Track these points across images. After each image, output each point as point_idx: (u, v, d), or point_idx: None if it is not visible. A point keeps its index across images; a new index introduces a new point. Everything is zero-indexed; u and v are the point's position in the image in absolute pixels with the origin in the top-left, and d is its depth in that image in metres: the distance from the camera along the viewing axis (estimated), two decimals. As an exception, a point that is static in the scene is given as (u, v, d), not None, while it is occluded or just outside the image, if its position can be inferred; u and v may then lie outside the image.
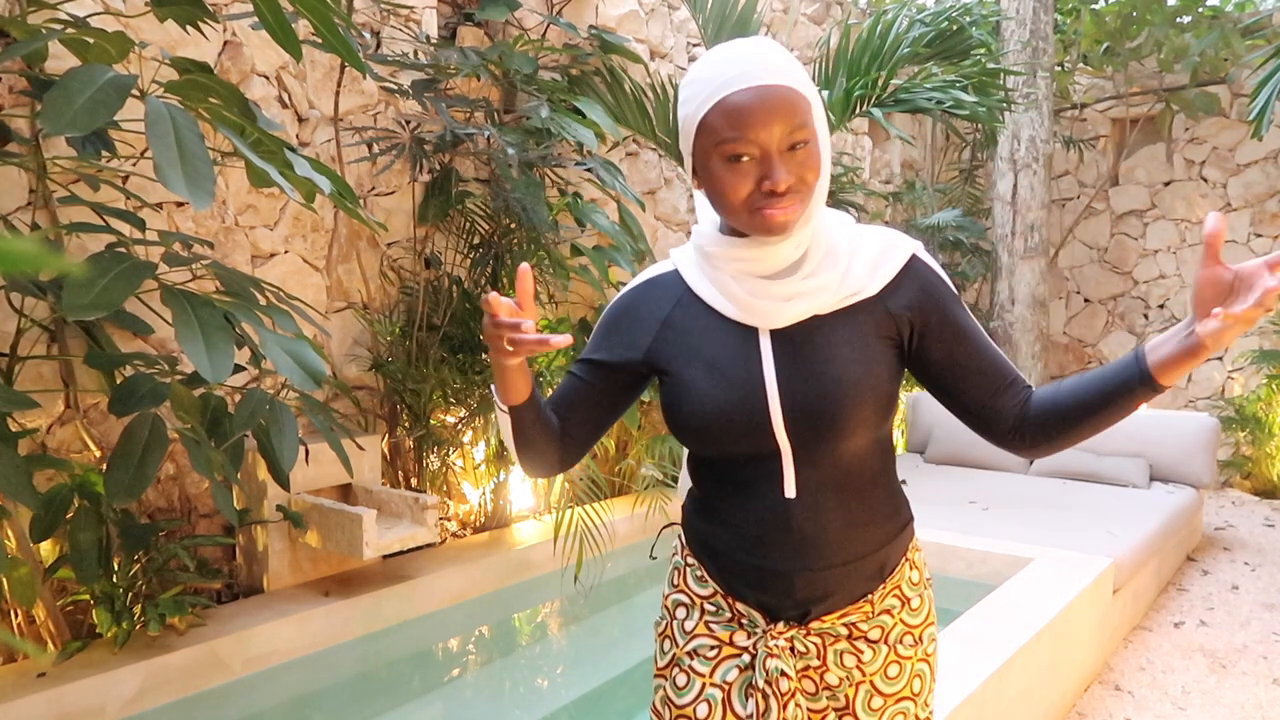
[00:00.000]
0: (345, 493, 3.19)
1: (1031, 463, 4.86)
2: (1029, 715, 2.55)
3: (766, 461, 1.11)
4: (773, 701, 1.09)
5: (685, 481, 1.36)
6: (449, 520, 3.82)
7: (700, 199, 1.15)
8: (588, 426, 1.23)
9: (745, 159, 1.01)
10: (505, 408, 1.15)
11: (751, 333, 1.12)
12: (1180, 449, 4.55)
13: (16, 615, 2.41)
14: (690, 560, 1.22)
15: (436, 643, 3.05)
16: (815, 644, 1.13)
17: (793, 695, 1.10)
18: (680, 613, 1.21)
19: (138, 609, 2.49)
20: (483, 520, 3.85)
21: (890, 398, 1.11)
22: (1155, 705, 2.91)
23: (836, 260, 1.09)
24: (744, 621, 1.16)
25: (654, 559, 1.57)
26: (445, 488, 3.76)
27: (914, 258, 1.13)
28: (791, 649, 1.12)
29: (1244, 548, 4.65)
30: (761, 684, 1.10)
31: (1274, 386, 5.83)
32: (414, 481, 3.58)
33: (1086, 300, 7.17)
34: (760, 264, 1.08)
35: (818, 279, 1.08)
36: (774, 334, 1.11)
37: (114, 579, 2.45)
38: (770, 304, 1.09)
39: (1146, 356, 1.01)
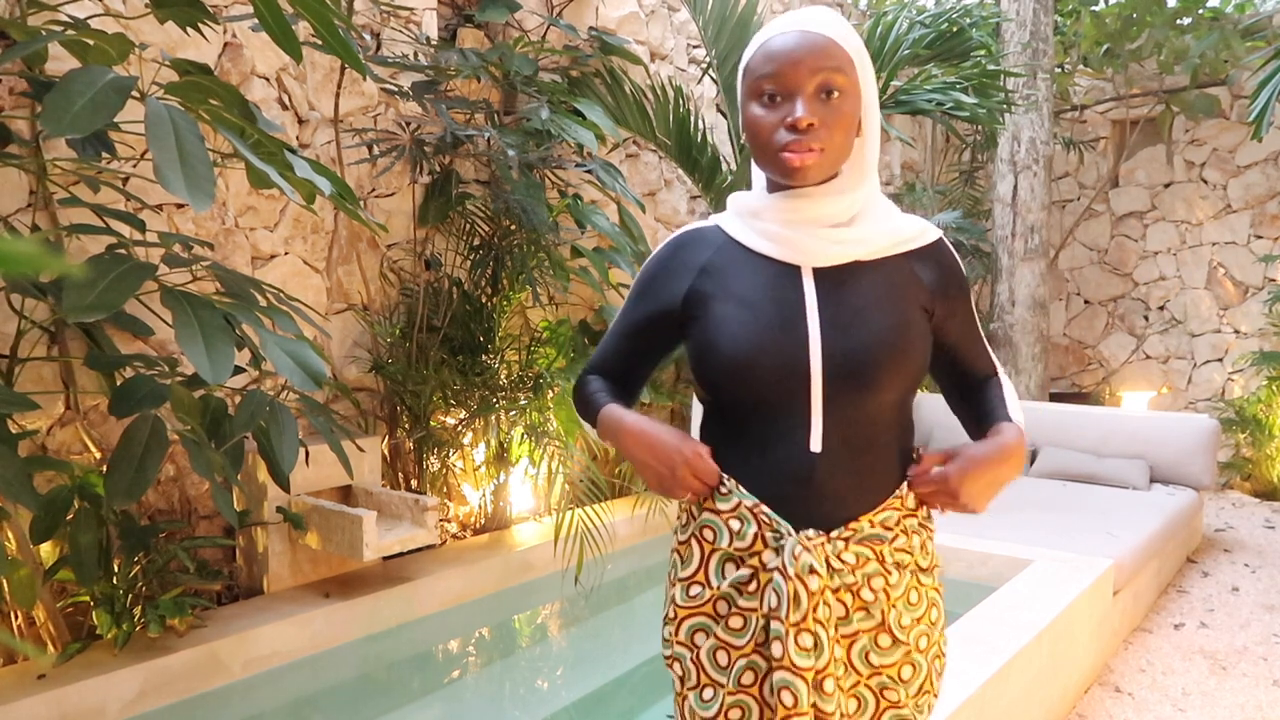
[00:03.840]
0: (345, 494, 3.19)
1: (1031, 464, 4.86)
2: (1029, 717, 2.55)
3: (794, 412, 1.10)
4: (801, 594, 1.05)
5: None
6: (449, 522, 3.82)
7: (754, 168, 1.20)
8: (633, 380, 1.31)
9: (775, 96, 1.06)
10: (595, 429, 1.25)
11: (794, 273, 1.13)
12: (1180, 450, 4.55)
13: (16, 617, 2.41)
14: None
15: (437, 644, 3.05)
16: (849, 561, 1.10)
17: (821, 594, 1.07)
18: (708, 534, 1.15)
19: (138, 610, 2.49)
20: (483, 522, 3.85)
21: (923, 359, 1.14)
22: (1155, 707, 2.91)
23: (881, 219, 1.15)
24: (769, 536, 1.10)
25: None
26: (445, 489, 3.76)
27: (941, 240, 1.19)
28: (829, 565, 1.09)
29: (1244, 549, 4.65)
30: (793, 572, 1.06)
31: (1274, 388, 5.83)
32: (414, 483, 3.58)
33: (1087, 302, 7.17)
34: (805, 214, 1.11)
35: (863, 229, 1.12)
36: (817, 277, 1.12)
37: (114, 580, 2.45)
38: (814, 243, 1.11)
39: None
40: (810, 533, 1.09)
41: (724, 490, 1.14)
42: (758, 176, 1.20)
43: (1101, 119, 7.03)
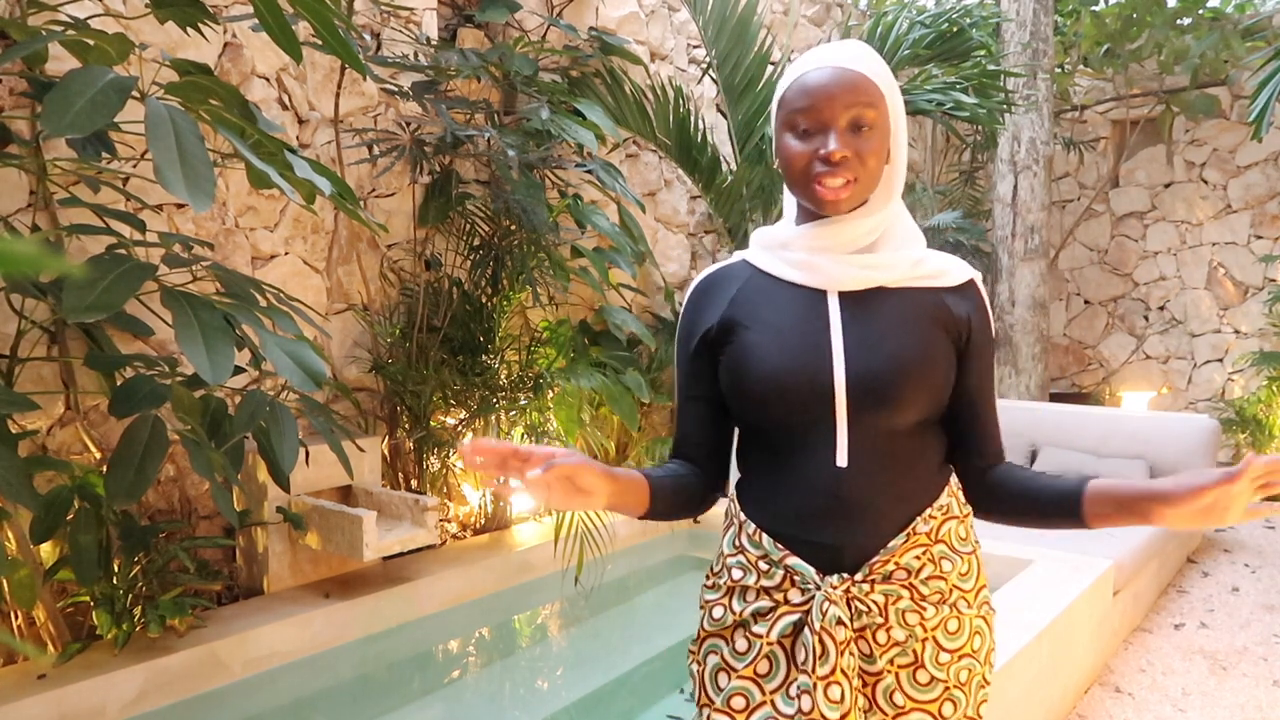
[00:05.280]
0: (345, 494, 3.19)
1: (1032, 465, 4.86)
2: (1029, 717, 2.55)
3: (820, 429, 1.13)
4: (829, 645, 1.09)
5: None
6: (449, 522, 3.82)
7: (786, 194, 1.22)
8: (718, 440, 1.27)
9: (808, 129, 1.11)
10: (639, 518, 1.20)
11: (820, 298, 1.16)
12: (1180, 451, 4.54)
13: (17, 617, 2.41)
14: (743, 519, 1.22)
15: (437, 644, 3.05)
16: (877, 603, 1.12)
17: (848, 644, 1.10)
18: (736, 573, 1.20)
19: (138, 610, 2.49)
20: (483, 522, 3.85)
21: (945, 380, 1.15)
22: (1155, 707, 2.91)
23: (900, 247, 1.17)
24: (796, 579, 1.14)
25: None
26: (445, 489, 3.76)
27: (974, 282, 1.20)
28: (849, 604, 1.11)
29: (1244, 550, 4.65)
30: (819, 626, 1.09)
31: (1274, 388, 5.83)
32: (414, 483, 3.58)
33: (1087, 302, 7.17)
34: (832, 240, 1.15)
35: (889, 257, 1.15)
36: (843, 300, 1.16)
37: (114, 580, 2.45)
38: (840, 268, 1.14)
39: (1085, 505, 1.11)
40: (834, 579, 1.12)
41: (754, 537, 1.19)
42: (789, 204, 1.23)
43: (1101, 119, 7.03)
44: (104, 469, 2.30)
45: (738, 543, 1.21)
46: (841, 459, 1.13)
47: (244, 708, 2.49)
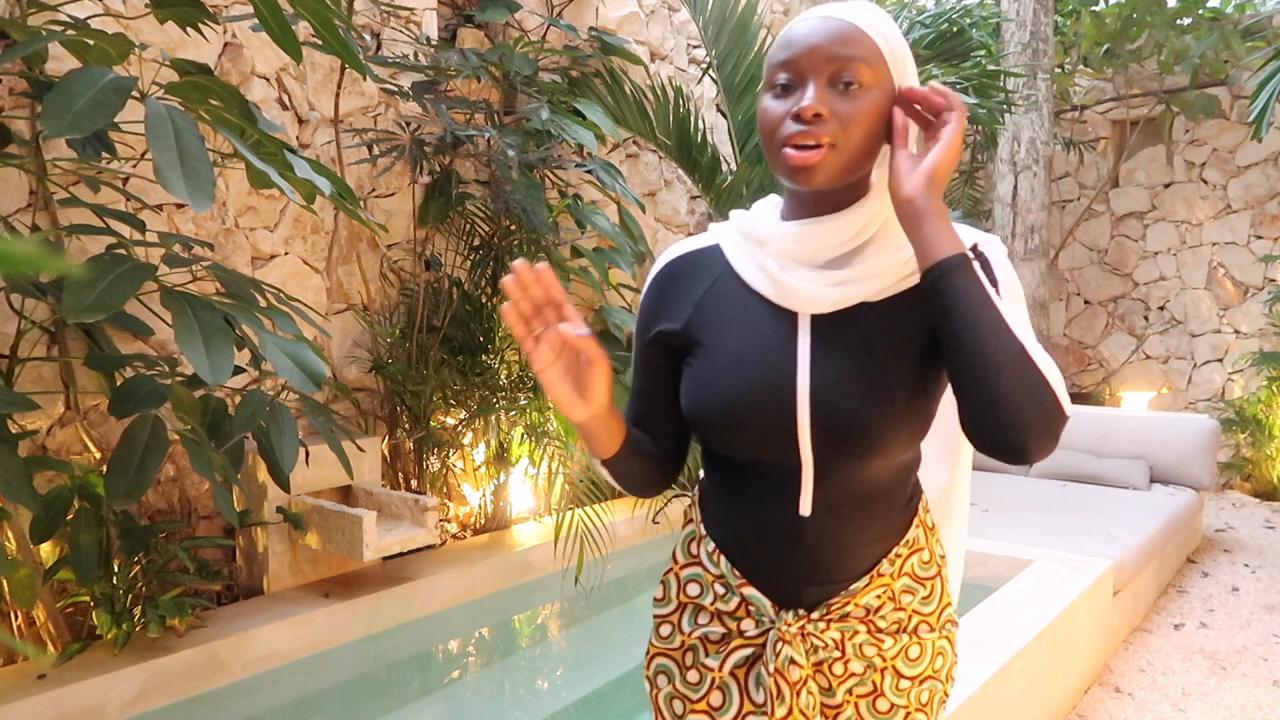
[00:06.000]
0: (345, 494, 3.19)
1: (1032, 465, 4.86)
2: (1029, 717, 2.55)
3: (783, 473, 1.02)
4: (784, 687, 1.02)
5: None
6: (449, 522, 3.82)
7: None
8: (673, 426, 1.15)
9: (787, 84, 0.94)
10: (600, 462, 1.06)
11: (790, 320, 1.00)
12: (1180, 451, 4.54)
13: (16, 617, 2.41)
14: (704, 532, 1.13)
15: (437, 644, 3.05)
16: (834, 638, 1.05)
17: (804, 683, 1.03)
18: (692, 589, 1.12)
19: (138, 610, 2.49)
20: (483, 522, 3.85)
21: (924, 420, 1.01)
22: (1155, 707, 2.91)
23: (899, 247, 0.98)
24: (752, 609, 1.07)
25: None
26: (445, 489, 3.75)
27: (975, 247, 0.97)
28: (804, 637, 1.04)
29: (1244, 550, 4.65)
30: (773, 668, 1.03)
31: (1274, 388, 5.83)
32: (414, 483, 3.58)
33: (1087, 302, 7.17)
34: (812, 244, 0.97)
35: (872, 263, 0.97)
36: (815, 326, 1.00)
37: (114, 580, 2.45)
38: (813, 287, 0.97)
39: (920, 272, 0.93)
40: (790, 616, 1.04)
41: (714, 556, 1.11)
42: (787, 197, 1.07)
43: (1101, 119, 7.02)
44: (104, 469, 2.30)
45: (695, 552, 1.13)
46: (805, 508, 1.02)
47: (244, 708, 2.49)
